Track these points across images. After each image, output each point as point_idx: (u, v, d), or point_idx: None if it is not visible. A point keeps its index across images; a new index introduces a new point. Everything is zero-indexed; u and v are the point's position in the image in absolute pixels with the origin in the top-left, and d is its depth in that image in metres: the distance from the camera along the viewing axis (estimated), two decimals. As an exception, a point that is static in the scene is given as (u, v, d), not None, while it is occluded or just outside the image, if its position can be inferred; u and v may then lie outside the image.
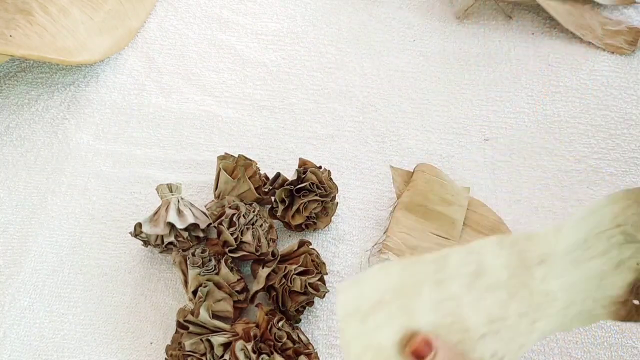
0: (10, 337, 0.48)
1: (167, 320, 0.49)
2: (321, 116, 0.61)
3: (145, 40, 0.70)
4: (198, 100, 0.64)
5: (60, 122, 0.62)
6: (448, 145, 0.58)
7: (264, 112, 0.62)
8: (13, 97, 0.65)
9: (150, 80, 0.66)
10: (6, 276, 0.52)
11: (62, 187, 0.57)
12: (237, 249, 0.47)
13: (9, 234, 0.54)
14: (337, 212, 0.53)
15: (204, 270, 0.46)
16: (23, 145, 0.61)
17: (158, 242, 0.49)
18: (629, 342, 0.45)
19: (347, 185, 0.55)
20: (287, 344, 0.42)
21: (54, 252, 0.53)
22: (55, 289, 0.51)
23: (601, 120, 0.57)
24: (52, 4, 0.63)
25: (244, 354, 0.41)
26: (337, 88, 0.64)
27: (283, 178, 0.51)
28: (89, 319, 0.49)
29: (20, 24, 0.60)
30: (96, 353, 0.47)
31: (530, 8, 0.69)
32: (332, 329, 0.47)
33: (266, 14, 0.72)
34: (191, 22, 0.71)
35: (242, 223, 0.47)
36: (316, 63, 0.66)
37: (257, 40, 0.69)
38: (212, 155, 0.57)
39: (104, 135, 0.61)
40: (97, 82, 0.66)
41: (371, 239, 0.52)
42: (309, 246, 0.48)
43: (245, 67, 0.66)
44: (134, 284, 0.51)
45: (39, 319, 0.49)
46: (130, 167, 0.59)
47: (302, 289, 0.45)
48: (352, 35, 0.68)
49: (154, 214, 0.50)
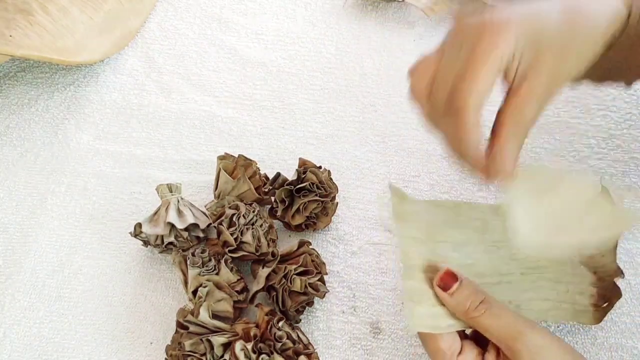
0: (10, 337, 0.48)
1: (167, 320, 0.49)
2: (321, 116, 0.61)
3: (145, 40, 0.70)
4: (198, 100, 0.64)
5: (60, 122, 0.62)
6: (448, 146, 0.58)
7: (264, 112, 0.62)
8: (13, 97, 0.65)
9: (150, 80, 0.66)
10: (6, 276, 0.52)
11: (62, 187, 0.57)
12: (237, 249, 0.47)
13: (9, 234, 0.54)
14: (337, 212, 0.53)
15: (204, 270, 0.46)
16: (23, 145, 0.61)
17: (158, 242, 0.49)
18: (629, 342, 0.45)
19: (347, 185, 0.55)
20: (287, 344, 0.42)
21: (54, 252, 0.53)
22: (55, 289, 0.51)
23: (601, 120, 0.57)
24: (52, 4, 0.63)
25: (244, 354, 0.41)
26: (337, 88, 0.64)
27: (283, 178, 0.51)
28: (89, 319, 0.49)
29: (20, 24, 0.60)
30: (96, 353, 0.47)
31: (530, 8, 0.69)
32: (332, 329, 0.47)
33: (266, 14, 0.72)
34: (191, 22, 0.71)
35: (242, 223, 0.47)
36: (316, 63, 0.66)
37: (257, 40, 0.69)
38: (212, 155, 0.57)
39: (104, 135, 0.61)
40: (97, 82, 0.66)
41: (371, 239, 0.52)
42: (309, 246, 0.48)
43: (245, 67, 0.66)
44: (134, 284, 0.51)
45: (39, 319, 0.49)
46: (130, 167, 0.59)
47: (302, 289, 0.45)
48: (352, 35, 0.68)
49: (154, 214, 0.50)
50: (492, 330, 0.35)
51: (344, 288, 0.49)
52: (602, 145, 0.57)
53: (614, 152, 0.57)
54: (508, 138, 0.33)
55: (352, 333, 0.47)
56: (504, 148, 0.33)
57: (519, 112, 0.33)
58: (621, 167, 0.56)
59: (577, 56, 0.34)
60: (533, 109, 0.33)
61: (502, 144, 0.33)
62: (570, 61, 0.34)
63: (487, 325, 0.35)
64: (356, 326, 0.47)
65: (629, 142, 0.57)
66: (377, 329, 0.47)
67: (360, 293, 0.49)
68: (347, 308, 0.48)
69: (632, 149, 0.57)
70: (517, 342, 0.33)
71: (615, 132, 0.58)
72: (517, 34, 0.31)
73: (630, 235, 0.42)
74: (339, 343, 0.46)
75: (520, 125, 0.33)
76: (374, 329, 0.47)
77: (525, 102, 0.33)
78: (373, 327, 0.47)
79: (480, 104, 0.31)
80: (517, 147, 0.34)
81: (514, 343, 0.33)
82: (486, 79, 0.31)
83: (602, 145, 0.57)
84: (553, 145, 0.57)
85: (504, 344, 0.34)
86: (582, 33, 0.34)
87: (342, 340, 0.47)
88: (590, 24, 0.34)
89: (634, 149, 0.57)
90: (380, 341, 0.46)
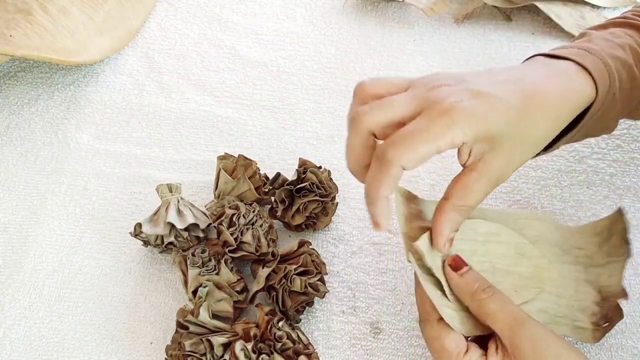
0: (10, 337, 0.48)
1: (167, 320, 0.49)
2: (321, 116, 0.61)
3: (145, 40, 0.70)
4: (198, 100, 0.64)
5: (60, 122, 0.62)
6: (448, 146, 0.58)
7: (264, 112, 0.62)
8: (13, 97, 0.65)
9: (150, 80, 0.66)
10: (6, 276, 0.52)
11: (62, 187, 0.57)
12: (237, 249, 0.47)
13: (9, 234, 0.54)
14: (337, 212, 0.53)
15: (204, 270, 0.46)
16: (23, 145, 0.61)
17: (158, 242, 0.49)
18: (629, 342, 0.45)
19: (347, 185, 0.55)
20: (287, 344, 0.42)
21: (54, 252, 0.53)
22: (55, 289, 0.51)
23: (601, 121, 0.57)
24: (52, 4, 0.63)
25: (244, 354, 0.41)
26: (337, 88, 0.64)
27: (283, 178, 0.51)
28: (89, 319, 0.49)
29: (20, 24, 0.60)
30: (96, 353, 0.47)
31: (530, 9, 0.69)
32: (332, 329, 0.47)
33: (266, 14, 0.72)
34: (191, 22, 0.71)
35: (242, 223, 0.47)
36: (316, 63, 0.66)
37: (257, 40, 0.69)
38: (212, 155, 0.57)
39: (104, 135, 0.61)
40: (97, 82, 0.66)
41: (371, 239, 0.52)
42: (309, 246, 0.48)
43: (245, 67, 0.66)
44: (134, 284, 0.51)
45: (39, 319, 0.49)
46: (130, 167, 0.59)
47: (302, 289, 0.45)
48: (352, 35, 0.68)
49: (153, 214, 0.50)
50: (496, 314, 0.34)
51: (344, 288, 0.49)
52: (602, 145, 0.57)
53: (614, 152, 0.57)
54: (447, 214, 0.35)
55: (352, 333, 0.47)
56: (440, 223, 0.35)
57: (468, 188, 0.34)
58: (621, 167, 0.56)
59: (535, 142, 0.36)
60: (482, 187, 0.34)
61: (440, 219, 0.35)
62: (528, 147, 0.35)
63: (492, 308, 0.35)
64: (356, 326, 0.47)
65: (629, 142, 0.57)
66: (377, 329, 0.47)
67: (360, 293, 0.49)
68: (347, 308, 0.48)
69: (632, 148, 0.57)
70: (521, 328, 0.33)
71: (615, 132, 0.57)
72: (465, 131, 0.32)
73: (631, 236, 0.42)
74: (339, 343, 0.46)
75: (466, 200, 0.35)
76: (374, 329, 0.47)
77: (475, 179, 0.34)
78: (373, 327, 0.47)
79: (410, 167, 0.33)
80: (454, 225, 0.35)
81: (519, 329, 0.33)
82: (424, 153, 0.32)
83: (602, 145, 0.57)
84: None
85: (507, 330, 0.34)
86: (540, 119, 0.35)
87: (342, 341, 0.47)
88: (550, 110, 0.35)
89: (634, 149, 0.57)
90: (380, 341, 0.46)
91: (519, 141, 0.34)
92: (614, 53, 0.40)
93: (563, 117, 0.36)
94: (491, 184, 0.34)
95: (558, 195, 0.54)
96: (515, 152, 0.34)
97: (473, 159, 0.34)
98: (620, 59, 0.40)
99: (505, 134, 0.33)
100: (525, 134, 0.34)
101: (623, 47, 0.41)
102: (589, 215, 0.52)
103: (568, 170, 0.55)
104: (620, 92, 0.40)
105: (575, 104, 0.37)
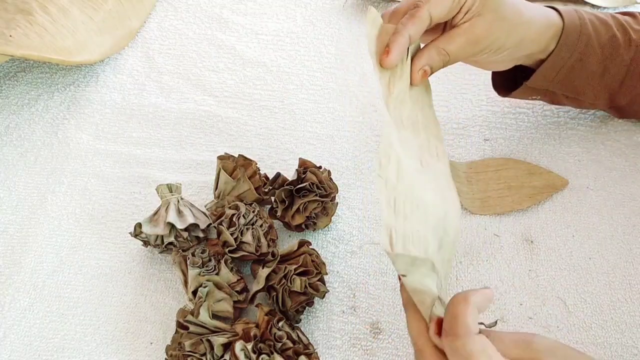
0: (10, 337, 0.48)
1: (167, 320, 0.49)
2: (321, 116, 0.61)
3: (145, 40, 0.70)
4: (198, 100, 0.64)
5: (60, 122, 0.62)
6: (448, 146, 0.57)
7: (264, 112, 0.62)
8: (13, 97, 0.65)
9: (150, 80, 0.66)
10: (6, 276, 0.52)
11: (62, 187, 0.57)
12: (237, 249, 0.47)
13: (9, 234, 0.54)
14: (337, 212, 0.53)
15: (204, 271, 0.46)
16: (23, 145, 0.61)
17: (158, 243, 0.49)
18: (629, 342, 0.45)
19: (347, 185, 0.55)
20: (287, 344, 0.42)
21: (54, 252, 0.53)
22: (55, 289, 0.51)
23: (600, 121, 0.57)
24: (52, 4, 0.63)
25: (244, 354, 0.41)
26: (337, 88, 0.64)
27: (283, 178, 0.51)
28: (89, 319, 0.49)
29: (20, 24, 0.60)
30: (96, 353, 0.47)
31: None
32: (332, 329, 0.47)
33: (266, 14, 0.72)
34: (191, 22, 0.71)
35: (242, 223, 0.47)
36: (316, 63, 0.66)
37: (257, 40, 0.69)
38: (212, 155, 0.57)
39: (104, 135, 0.61)
40: (97, 82, 0.66)
41: (371, 239, 0.52)
42: (309, 246, 0.48)
43: (245, 67, 0.66)
44: (134, 284, 0.51)
45: (39, 319, 0.49)
46: (130, 167, 0.59)
47: (302, 289, 0.45)
48: (352, 35, 0.68)
49: (153, 214, 0.50)
50: (506, 341, 0.31)
51: (344, 288, 0.49)
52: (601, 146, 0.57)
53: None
54: (429, 48, 0.41)
55: (352, 333, 0.47)
56: (421, 52, 0.42)
57: (451, 38, 0.41)
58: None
59: (508, 28, 0.42)
60: (462, 41, 0.41)
61: (422, 50, 0.42)
62: (505, 28, 0.42)
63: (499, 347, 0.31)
64: (356, 326, 0.47)
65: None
66: (377, 329, 0.47)
67: (360, 293, 0.49)
68: (347, 308, 0.48)
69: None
70: (532, 342, 0.32)
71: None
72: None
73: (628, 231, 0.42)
74: (339, 343, 0.46)
75: (446, 45, 0.41)
76: (374, 329, 0.47)
77: (459, 34, 0.41)
78: (373, 327, 0.47)
79: (436, 13, 0.40)
80: (431, 61, 0.41)
81: (531, 337, 0.31)
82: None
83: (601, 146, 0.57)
84: (553, 147, 0.57)
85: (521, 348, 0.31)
86: (517, 19, 0.43)
87: (342, 340, 0.47)
88: (526, 18, 0.43)
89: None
90: (380, 341, 0.46)
91: (500, 19, 0.42)
92: (592, 13, 0.48)
93: (534, 27, 0.44)
94: (469, 42, 0.42)
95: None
96: (495, 26, 0.42)
97: (464, 20, 0.41)
98: (597, 16, 0.47)
99: (497, 5, 0.41)
100: (505, 15, 0.42)
101: (605, 15, 0.48)
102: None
103: (568, 170, 0.55)
104: (597, 40, 0.46)
105: (545, 19, 0.45)
